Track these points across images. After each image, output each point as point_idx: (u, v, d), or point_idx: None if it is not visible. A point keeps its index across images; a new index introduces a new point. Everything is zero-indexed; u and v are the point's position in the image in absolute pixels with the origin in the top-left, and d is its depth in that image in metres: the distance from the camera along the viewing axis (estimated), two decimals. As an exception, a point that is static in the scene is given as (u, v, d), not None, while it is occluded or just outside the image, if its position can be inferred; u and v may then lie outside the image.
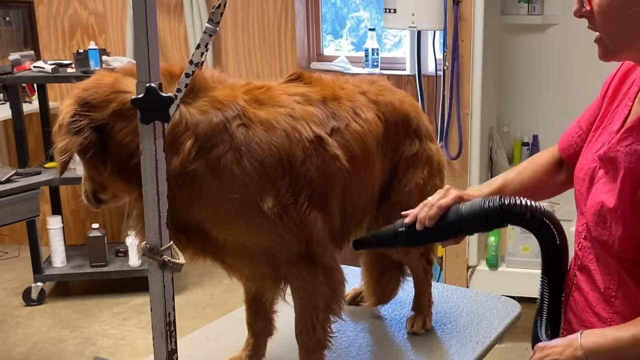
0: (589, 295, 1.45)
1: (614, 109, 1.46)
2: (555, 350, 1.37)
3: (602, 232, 1.37)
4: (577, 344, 1.34)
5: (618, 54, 1.34)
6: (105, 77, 1.48)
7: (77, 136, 1.41)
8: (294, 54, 4.39)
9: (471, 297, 2.21)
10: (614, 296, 1.40)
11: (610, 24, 1.29)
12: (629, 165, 1.32)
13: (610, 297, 1.40)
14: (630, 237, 1.32)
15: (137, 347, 3.63)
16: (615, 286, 1.39)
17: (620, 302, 1.39)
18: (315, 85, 1.70)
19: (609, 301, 1.41)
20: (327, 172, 1.60)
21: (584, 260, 1.47)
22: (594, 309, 1.43)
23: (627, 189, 1.32)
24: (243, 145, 1.48)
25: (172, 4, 4.49)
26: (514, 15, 3.97)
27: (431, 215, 1.51)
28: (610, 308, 1.40)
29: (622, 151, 1.34)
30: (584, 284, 1.47)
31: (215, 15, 1.26)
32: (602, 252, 1.40)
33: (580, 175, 1.48)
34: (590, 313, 1.44)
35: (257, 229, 1.53)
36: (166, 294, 1.24)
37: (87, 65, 4.01)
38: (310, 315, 1.66)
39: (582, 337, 1.34)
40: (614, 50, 1.32)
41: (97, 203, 1.59)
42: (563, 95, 4.02)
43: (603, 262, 1.42)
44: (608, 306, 1.41)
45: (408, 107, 1.87)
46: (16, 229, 4.70)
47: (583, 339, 1.34)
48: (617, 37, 1.30)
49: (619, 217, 1.33)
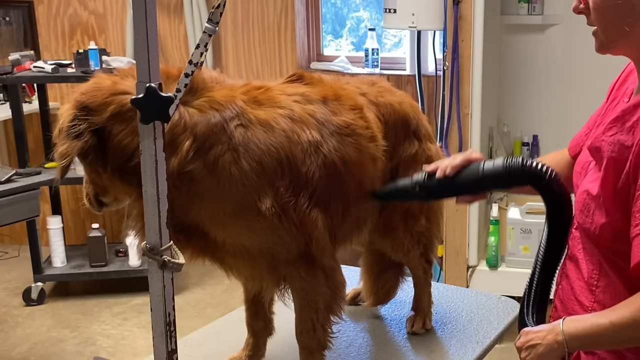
0: (574, 284, 1.50)
1: (613, 106, 1.50)
2: (538, 335, 1.42)
3: (585, 220, 1.42)
4: (558, 330, 1.39)
5: (612, 47, 1.40)
6: (103, 80, 1.48)
7: (77, 140, 1.41)
8: (294, 54, 4.39)
9: (471, 297, 2.21)
10: (595, 285, 1.45)
11: (604, 18, 1.36)
12: (611, 154, 1.36)
13: (592, 287, 1.46)
14: (611, 225, 1.36)
15: (137, 347, 3.63)
16: (597, 275, 1.45)
17: (600, 291, 1.44)
18: (315, 86, 1.70)
19: (591, 290, 1.46)
20: (327, 173, 1.60)
21: (573, 250, 1.52)
22: (577, 297, 1.49)
23: (609, 177, 1.36)
24: (241, 146, 1.48)
25: (172, 4, 4.49)
26: (514, 15, 3.97)
27: (454, 165, 1.57)
28: (592, 297, 1.46)
29: (607, 141, 1.39)
30: (571, 272, 1.52)
31: (214, 15, 1.26)
32: (587, 240, 1.45)
33: (577, 169, 1.53)
34: (574, 301, 1.49)
35: (256, 230, 1.53)
36: (166, 294, 1.24)
37: (87, 65, 4.01)
38: (310, 316, 1.66)
39: (563, 323, 1.40)
40: (608, 43, 1.39)
41: (99, 206, 1.60)
42: (563, 95, 4.02)
43: (588, 251, 1.47)
44: (590, 295, 1.46)
45: (407, 108, 1.87)
46: (16, 229, 4.70)
47: (565, 325, 1.39)
48: (611, 30, 1.37)
49: (601, 205, 1.37)
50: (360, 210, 1.76)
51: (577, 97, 3.91)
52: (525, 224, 3.71)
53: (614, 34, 1.37)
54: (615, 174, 1.35)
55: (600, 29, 1.38)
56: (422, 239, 1.93)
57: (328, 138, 1.61)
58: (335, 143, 1.62)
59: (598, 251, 1.43)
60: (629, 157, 1.32)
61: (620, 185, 1.34)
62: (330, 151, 1.61)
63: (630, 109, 1.38)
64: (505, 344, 3.50)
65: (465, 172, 1.56)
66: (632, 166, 1.32)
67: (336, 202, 1.65)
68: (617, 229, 1.36)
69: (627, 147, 1.34)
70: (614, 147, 1.36)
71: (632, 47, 1.39)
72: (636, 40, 1.36)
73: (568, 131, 1.79)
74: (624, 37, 1.36)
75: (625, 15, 1.34)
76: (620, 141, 1.35)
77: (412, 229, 1.89)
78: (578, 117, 1.69)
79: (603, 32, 1.38)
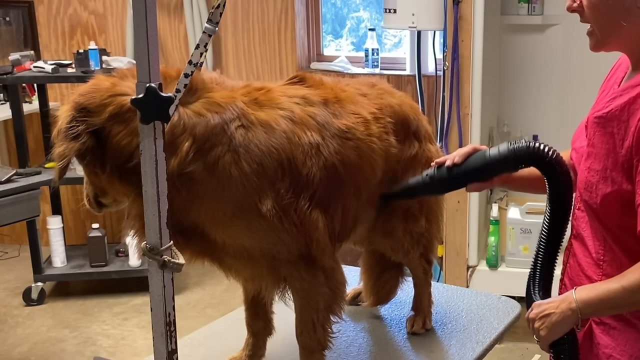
0: (582, 260, 1.56)
1: (603, 94, 1.57)
2: (552, 305, 1.49)
3: (590, 196, 1.48)
4: (571, 298, 1.45)
5: (606, 44, 1.47)
6: (102, 82, 1.48)
7: (74, 142, 1.42)
8: (294, 54, 4.39)
9: (471, 297, 2.21)
10: (602, 260, 1.51)
11: (598, 15, 1.43)
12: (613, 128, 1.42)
13: (600, 261, 1.52)
14: (615, 195, 1.43)
15: (137, 347, 3.63)
16: (603, 250, 1.51)
17: (607, 265, 1.51)
18: (317, 88, 1.70)
19: (598, 264, 1.52)
20: (328, 174, 1.60)
21: (578, 229, 1.58)
22: (585, 273, 1.55)
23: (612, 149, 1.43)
24: (242, 147, 1.48)
25: (172, 4, 4.49)
26: (514, 15, 3.97)
27: (462, 153, 1.67)
28: (600, 270, 1.52)
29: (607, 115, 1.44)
30: (578, 250, 1.58)
31: (214, 16, 1.26)
32: (592, 217, 1.51)
33: (577, 156, 1.60)
34: (582, 277, 1.56)
35: (256, 231, 1.53)
36: (166, 294, 1.24)
37: (87, 66, 4.01)
38: (311, 316, 1.66)
39: (575, 292, 1.46)
40: (602, 41, 1.46)
41: (99, 207, 1.60)
42: (563, 95, 4.02)
43: (594, 228, 1.53)
44: (598, 269, 1.52)
45: (407, 110, 1.88)
46: (16, 229, 4.70)
47: (577, 293, 1.45)
48: (604, 27, 1.44)
49: (607, 176, 1.43)
50: (360, 211, 1.76)
51: (577, 97, 3.90)
52: (525, 224, 3.71)
53: (608, 30, 1.43)
54: (616, 147, 1.41)
55: (595, 26, 1.45)
56: (422, 240, 1.93)
57: (329, 140, 1.61)
58: (336, 145, 1.62)
59: (602, 227, 1.49)
60: (630, 131, 1.38)
61: (622, 159, 1.40)
62: (331, 153, 1.61)
63: (628, 88, 1.43)
64: (505, 344, 3.50)
65: (472, 159, 1.66)
66: (634, 139, 1.37)
67: (336, 203, 1.65)
68: (623, 199, 1.41)
69: (624, 121, 1.40)
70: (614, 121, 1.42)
71: (626, 41, 1.45)
72: (629, 34, 1.42)
73: (568, 131, 1.79)
74: (617, 32, 1.43)
75: (617, 11, 1.40)
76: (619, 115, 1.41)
77: (412, 229, 1.89)
78: (578, 117, 1.70)
79: (598, 30, 1.44)
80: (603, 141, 1.45)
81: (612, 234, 1.48)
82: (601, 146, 1.45)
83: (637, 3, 1.39)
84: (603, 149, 1.45)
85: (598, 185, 1.45)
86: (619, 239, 1.47)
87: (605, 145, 1.44)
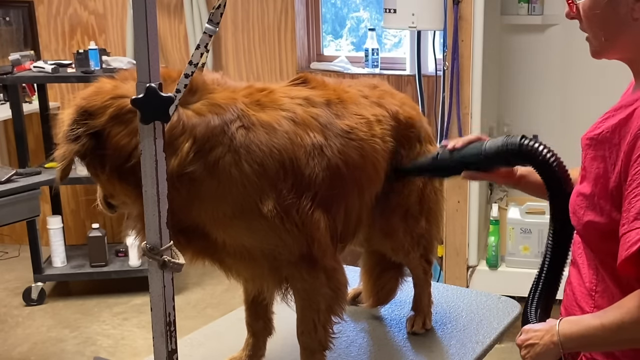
0: (576, 289, 1.50)
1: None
2: (537, 334, 1.44)
3: (576, 220, 1.43)
4: (554, 330, 1.41)
5: (605, 53, 1.43)
6: (104, 85, 1.49)
7: (74, 144, 1.42)
8: (294, 54, 4.39)
9: (471, 297, 2.21)
10: (594, 290, 1.45)
11: (593, 25, 1.39)
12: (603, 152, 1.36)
13: (592, 292, 1.46)
14: (603, 224, 1.36)
15: (137, 347, 3.63)
16: (596, 280, 1.45)
17: (599, 296, 1.44)
18: (319, 89, 1.71)
19: (591, 295, 1.46)
20: (330, 175, 1.60)
21: (574, 255, 1.53)
22: (579, 303, 1.49)
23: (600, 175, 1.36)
24: (242, 148, 1.48)
25: (172, 4, 4.49)
26: (514, 15, 3.97)
27: (465, 139, 1.71)
28: (592, 302, 1.46)
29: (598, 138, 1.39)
30: (573, 278, 1.52)
31: (215, 16, 1.26)
32: (583, 244, 1.47)
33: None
34: (576, 307, 1.49)
35: (257, 231, 1.53)
36: (166, 294, 1.24)
37: (87, 66, 4.01)
38: (312, 317, 1.66)
39: (560, 324, 1.41)
40: (600, 49, 1.42)
41: (110, 208, 1.61)
42: (563, 95, 4.02)
43: (588, 255, 1.47)
44: (590, 300, 1.46)
45: (408, 111, 1.88)
46: (16, 229, 4.70)
47: (560, 325, 1.41)
48: (600, 37, 1.39)
49: (595, 204, 1.37)
50: (363, 212, 1.76)
51: (577, 97, 3.90)
52: (525, 224, 3.71)
53: (605, 40, 1.39)
54: (607, 173, 1.35)
55: (592, 35, 1.41)
56: (422, 241, 1.94)
57: (331, 140, 1.61)
58: (338, 145, 1.62)
59: (593, 255, 1.44)
60: (620, 156, 1.32)
61: (612, 185, 1.34)
62: (334, 154, 1.61)
63: (620, 108, 1.38)
64: (505, 344, 3.50)
65: (470, 147, 1.69)
66: (622, 165, 1.31)
67: (339, 204, 1.65)
68: (610, 228, 1.35)
69: (616, 145, 1.34)
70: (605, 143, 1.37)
71: (623, 51, 1.40)
72: (625, 45, 1.38)
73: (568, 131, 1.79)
74: (613, 43, 1.39)
75: (611, 23, 1.36)
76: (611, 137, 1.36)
77: (412, 230, 1.89)
78: (578, 117, 1.70)
79: (595, 39, 1.41)
80: (593, 165, 1.38)
81: (603, 262, 1.41)
82: (591, 170, 1.39)
83: (632, 14, 1.34)
84: (592, 174, 1.38)
85: (586, 212, 1.39)
86: (610, 268, 1.39)
87: (595, 169, 1.38)
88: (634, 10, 1.34)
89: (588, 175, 1.40)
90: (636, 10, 1.34)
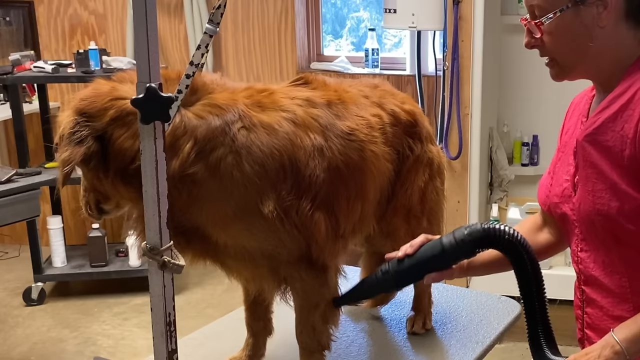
0: (602, 303, 1.46)
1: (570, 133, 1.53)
2: (592, 355, 1.36)
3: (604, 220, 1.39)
4: (612, 341, 1.34)
5: (571, 72, 1.44)
6: (102, 86, 1.49)
7: (80, 146, 1.42)
8: (294, 54, 4.39)
9: (471, 297, 2.22)
10: (628, 292, 1.41)
11: (562, 44, 1.40)
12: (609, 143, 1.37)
13: (626, 295, 1.42)
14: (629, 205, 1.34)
15: (138, 347, 3.63)
16: (628, 282, 1.41)
17: (636, 295, 1.40)
18: (320, 89, 1.70)
19: (625, 299, 1.42)
20: (330, 176, 1.60)
21: (586, 273, 1.48)
22: (612, 314, 1.44)
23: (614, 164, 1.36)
24: (244, 149, 1.48)
25: (172, 4, 4.49)
26: (514, 15, 3.96)
27: (413, 243, 1.55)
28: (629, 305, 1.41)
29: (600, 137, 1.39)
30: (594, 295, 1.48)
31: (215, 16, 1.26)
32: (603, 249, 1.42)
33: (556, 200, 1.53)
34: (609, 320, 1.44)
35: (257, 232, 1.53)
36: (166, 294, 1.24)
37: (87, 66, 4.01)
38: (311, 316, 1.66)
39: (615, 333, 1.35)
40: (567, 69, 1.43)
41: (100, 214, 1.59)
42: (563, 95, 3.99)
43: (606, 262, 1.43)
44: (627, 304, 1.42)
45: (409, 111, 1.88)
46: (16, 229, 4.70)
47: (616, 334, 1.35)
48: (569, 55, 1.42)
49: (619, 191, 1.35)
50: (364, 212, 1.76)
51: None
52: (525, 224, 3.71)
53: (573, 57, 1.41)
54: (618, 159, 1.35)
55: (559, 56, 1.42)
56: (423, 241, 1.93)
57: (332, 141, 1.61)
58: (339, 146, 1.62)
59: (621, 254, 1.40)
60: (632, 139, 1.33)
61: (627, 170, 1.34)
62: (335, 155, 1.61)
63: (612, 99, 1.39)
64: (505, 344, 3.50)
65: (424, 248, 1.54)
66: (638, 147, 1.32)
67: (340, 205, 1.65)
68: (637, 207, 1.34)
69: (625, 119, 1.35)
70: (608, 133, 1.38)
71: (591, 65, 1.42)
72: (594, 57, 1.40)
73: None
74: (583, 58, 1.40)
75: (580, 35, 1.38)
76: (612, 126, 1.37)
77: (414, 231, 1.89)
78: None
79: (563, 59, 1.42)
80: (601, 158, 1.38)
81: (634, 257, 1.38)
82: (601, 163, 1.38)
83: (599, 23, 1.36)
84: (604, 165, 1.38)
85: (610, 204, 1.36)
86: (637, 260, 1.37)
87: (604, 161, 1.38)
88: (600, 19, 1.36)
89: (598, 170, 1.39)
90: (602, 19, 1.36)
